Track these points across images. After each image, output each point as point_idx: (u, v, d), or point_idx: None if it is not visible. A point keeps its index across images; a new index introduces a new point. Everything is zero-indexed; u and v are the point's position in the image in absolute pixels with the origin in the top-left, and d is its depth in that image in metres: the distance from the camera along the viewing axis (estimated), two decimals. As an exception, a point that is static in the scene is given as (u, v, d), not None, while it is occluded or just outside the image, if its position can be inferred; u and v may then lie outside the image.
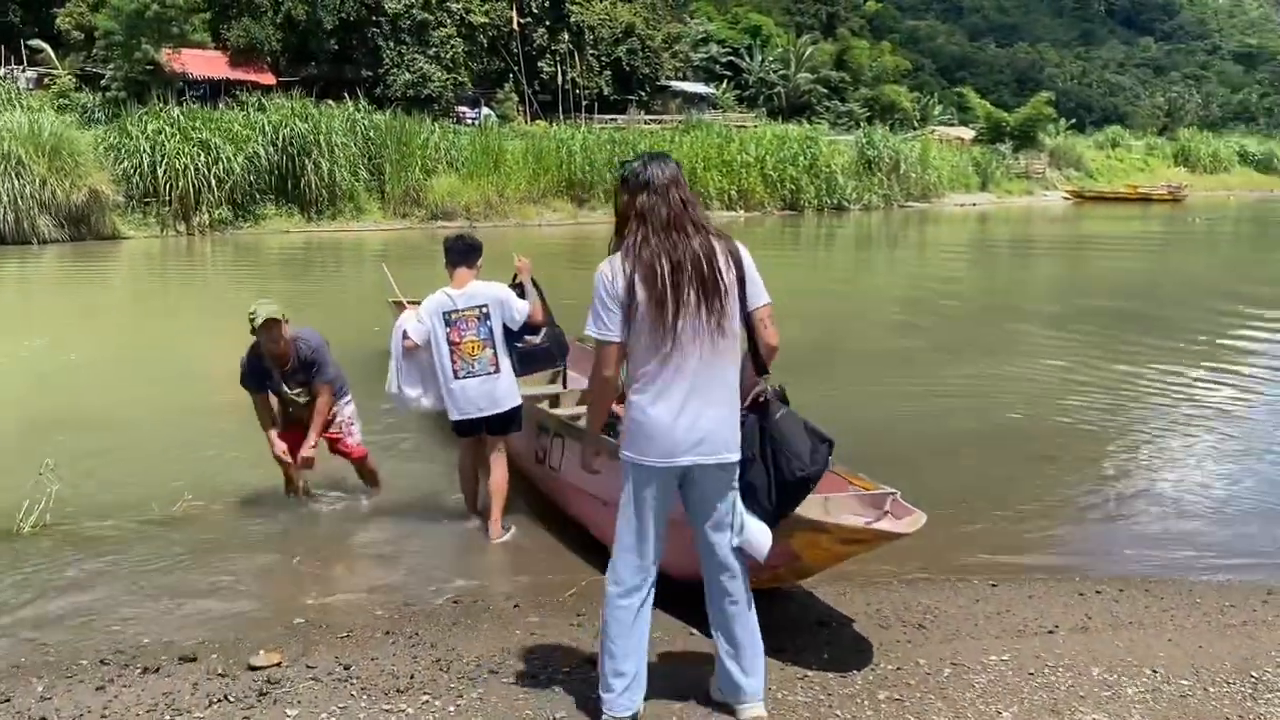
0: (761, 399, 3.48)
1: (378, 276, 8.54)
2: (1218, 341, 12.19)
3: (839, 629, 4.21)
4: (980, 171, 51.66)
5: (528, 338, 5.74)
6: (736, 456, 3.37)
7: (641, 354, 3.33)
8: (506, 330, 5.63)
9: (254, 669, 3.90)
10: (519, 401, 5.75)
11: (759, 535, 3.42)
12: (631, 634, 3.38)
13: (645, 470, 3.36)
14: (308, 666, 3.93)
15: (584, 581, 4.86)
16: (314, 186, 28.57)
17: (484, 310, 5.57)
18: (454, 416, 5.68)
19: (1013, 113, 65.35)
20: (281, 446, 5.90)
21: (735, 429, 3.38)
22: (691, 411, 3.29)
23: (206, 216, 26.87)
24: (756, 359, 3.48)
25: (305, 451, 5.84)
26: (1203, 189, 61.12)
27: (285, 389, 5.86)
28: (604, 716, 3.38)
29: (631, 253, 3.30)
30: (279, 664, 3.94)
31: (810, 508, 3.85)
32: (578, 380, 7.62)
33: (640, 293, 3.25)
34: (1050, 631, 4.14)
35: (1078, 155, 61.84)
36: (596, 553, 5.14)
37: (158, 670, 3.93)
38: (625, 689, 3.37)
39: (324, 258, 23.95)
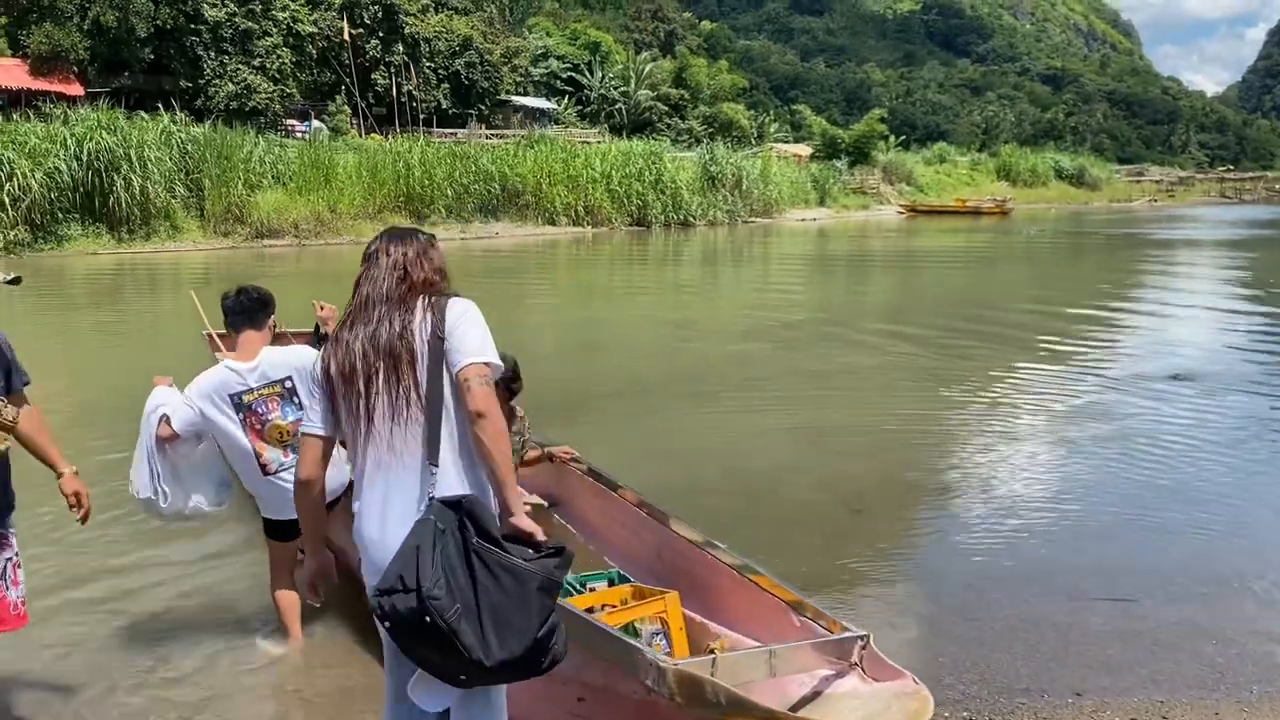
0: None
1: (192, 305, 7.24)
2: (1093, 362, 11.92)
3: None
4: (818, 187, 52.56)
5: None
6: None
7: (350, 449, 2.80)
8: None
9: None
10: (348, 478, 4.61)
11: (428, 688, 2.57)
12: None
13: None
14: None
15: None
16: (124, 204, 26.18)
17: (287, 385, 4.28)
18: (274, 516, 4.35)
19: (847, 130, 66.97)
20: None
21: None
22: (395, 515, 2.62)
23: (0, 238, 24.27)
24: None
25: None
26: (1024, 202, 63.98)
27: None
28: None
29: (335, 332, 2.81)
30: None
31: (747, 667, 2.76)
32: None
33: (333, 371, 2.73)
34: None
35: (909, 170, 63.84)
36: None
37: None
38: None
39: (137, 282, 21.86)
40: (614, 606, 3.52)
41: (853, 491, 6.64)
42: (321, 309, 4.82)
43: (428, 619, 2.34)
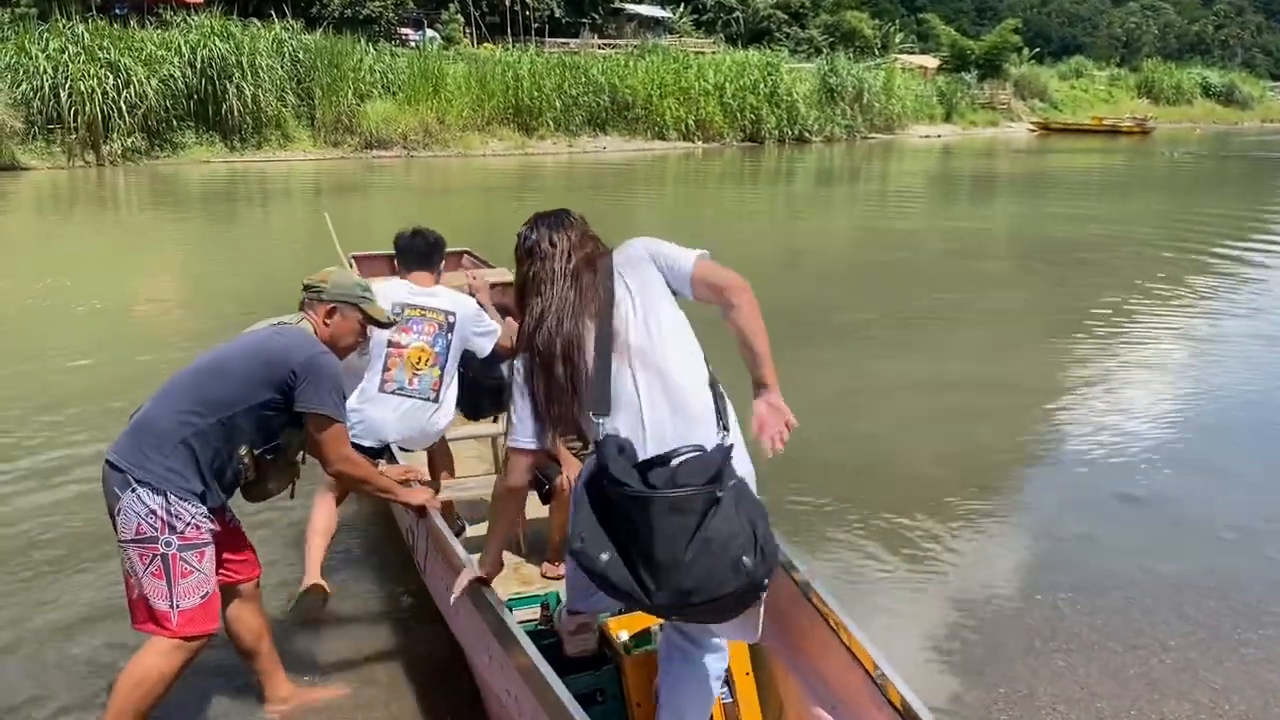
0: None
1: (313, 219, 6.88)
2: (1249, 310, 10.79)
3: None
4: (945, 102, 50.12)
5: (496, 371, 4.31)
6: None
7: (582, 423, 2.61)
8: (467, 356, 4.20)
9: None
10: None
11: None
12: None
13: None
14: None
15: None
16: (237, 112, 26.26)
17: (450, 319, 4.10)
18: (360, 441, 3.96)
19: (977, 40, 63.60)
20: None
21: None
22: None
23: (118, 145, 24.55)
24: None
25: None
26: (1167, 121, 60.12)
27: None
28: None
29: (529, 323, 2.71)
30: None
31: None
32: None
33: (541, 351, 2.62)
34: None
35: (1043, 85, 60.44)
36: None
37: None
38: None
39: (250, 191, 21.93)
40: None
41: (974, 460, 5.91)
42: (474, 279, 4.80)
43: (588, 571, 2.23)
